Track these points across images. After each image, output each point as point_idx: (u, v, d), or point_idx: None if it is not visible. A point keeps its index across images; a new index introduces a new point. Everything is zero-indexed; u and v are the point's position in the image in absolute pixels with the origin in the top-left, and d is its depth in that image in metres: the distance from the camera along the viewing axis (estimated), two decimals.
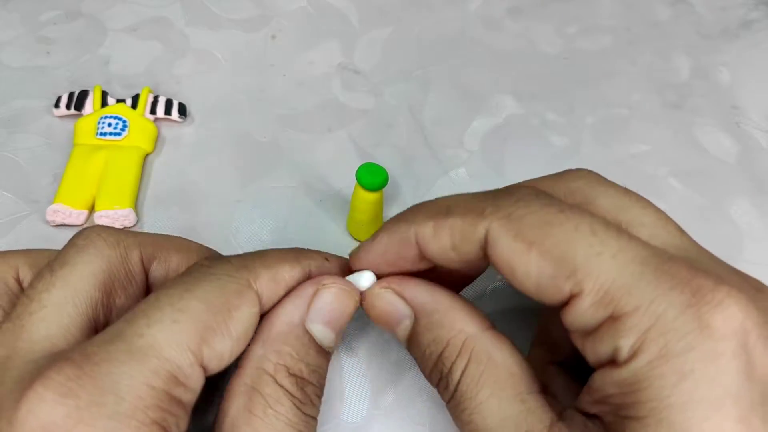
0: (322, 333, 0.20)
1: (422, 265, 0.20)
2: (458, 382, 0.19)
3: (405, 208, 0.29)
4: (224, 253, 0.24)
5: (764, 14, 0.39)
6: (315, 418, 0.19)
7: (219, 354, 0.17)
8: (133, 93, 0.32)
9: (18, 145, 0.31)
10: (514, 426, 0.18)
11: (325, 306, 0.20)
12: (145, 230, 0.29)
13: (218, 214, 0.29)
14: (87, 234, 0.20)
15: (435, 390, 0.20)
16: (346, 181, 0.30)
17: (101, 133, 0.30)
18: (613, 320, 0.16)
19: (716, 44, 0.37)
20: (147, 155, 0.31)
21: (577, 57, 0.36)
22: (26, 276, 0.20)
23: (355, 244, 0.28)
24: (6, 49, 0.35)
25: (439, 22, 0.37)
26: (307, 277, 0.20)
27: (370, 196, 0.26)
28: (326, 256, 0.21)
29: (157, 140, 0.32)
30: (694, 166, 0.32)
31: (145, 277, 0.21)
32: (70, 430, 0.14)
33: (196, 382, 0.17)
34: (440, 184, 0.31)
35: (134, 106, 0.32)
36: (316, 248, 0.23)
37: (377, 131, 0.32)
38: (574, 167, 0.31)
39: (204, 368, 0.17)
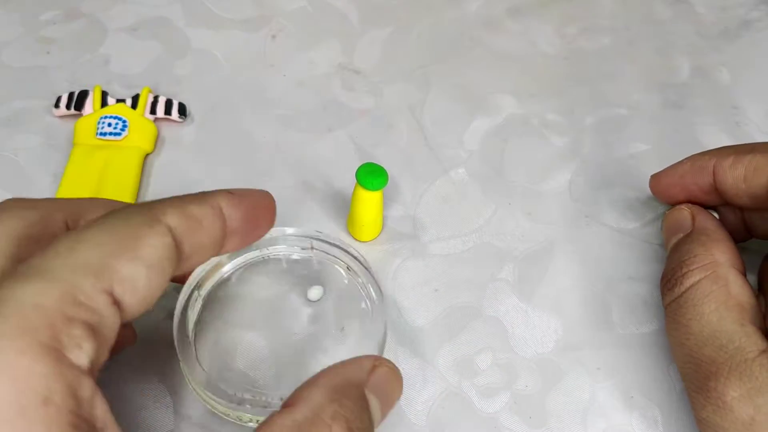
0: (375, 407, 0.19)
1: (711, 198, 0.25)
2: (687, 289, 0.22)
3: (405, 208, 0.30)
4: None
5: (764, 14, 0.38)
6: None
7: (129, 279, 0.16)
8: (133, 93, 0.32)
9: (18, 145, 0.31)
10: (727, 339, 0.20)
11: (381, 381, 0.20)
12: None
13: None
14: (2, 203, 0.19)
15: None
16: (346, 181, 0.30)
17: (101, 133, 0.30)
18: None
19: (716, 44, 0.37)
20: (147, 155, 0.31)
21: (577, 57, 0.36)
22: None
23: (355, 244, 0.28)
24: (6, 49, 0.35)
25: (439, 22, 0.37)
26: (219, 213, 0.19)
27: (370, 196, 0.26)
28: (229, 191, 0.20)
29: (157, 140, 0.32)
30: None
31: None
32: None
33: (103, 306, 0.15)
34: (440, 183, 0.31)
35: (134, 106, 0.32)
36: None
37: (377, 131, 0.32)
38: (574, 167, 0.31)
39: (114, 297, 0.16)
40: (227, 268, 0.27)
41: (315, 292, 0.26)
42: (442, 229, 0.29)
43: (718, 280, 0.22)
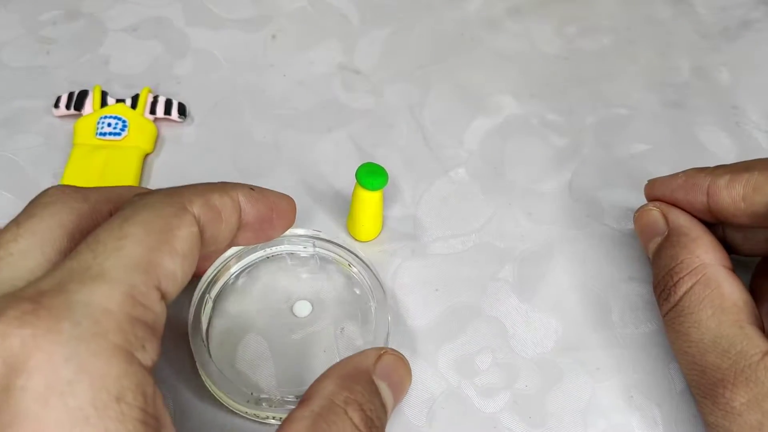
0: (386, 392, 0.20)
1: (703, 217, 0.24)
2: (681, 298, 0.22)
3: (405, 207, 0.30)
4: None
5: (764, 14, 0.38)
6: None
7: (171, 273, 0.17)
8: (133, 93, 0.32)
9: (18, 145, 0.31)
10: (729, 344, 0.20)
11: (388, 367, 0.21)
12: None
13: None
14: (52, 192, 0.20)
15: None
16: (346, 181, 0.30)
17: (101, 133, 0.30)
18: None
19: (716, 44, 0.37)
20: (147, 155, 0.31)
21: (577, 57, 0.36)
22: None
23: (355, 244, 0.28)
24: (6, 49, 0.35)
25: (439, 22, 0.37)
26: (237, 206, 0.20)
27: (370, 196, 0.26)
28: (251, 186, 0.21)
29: (157, 140, 0.32)
30: (693, 165, 0.32)
31: None
32: (27, 359, 0.14)
33: (155, 303, 0.16)
34: (440, 183, 0.31)
35: (134, 106, 0.32)
36: None
37: (377, 131, 0.32)
38: (574, 167, 0.31)
39: (161, 292, 0.17)
40: (234, 269, 0.27)
41: (303, 308, 0.26)
42: (442, 229, 0.29)
43: (710, 282, 0.22)
